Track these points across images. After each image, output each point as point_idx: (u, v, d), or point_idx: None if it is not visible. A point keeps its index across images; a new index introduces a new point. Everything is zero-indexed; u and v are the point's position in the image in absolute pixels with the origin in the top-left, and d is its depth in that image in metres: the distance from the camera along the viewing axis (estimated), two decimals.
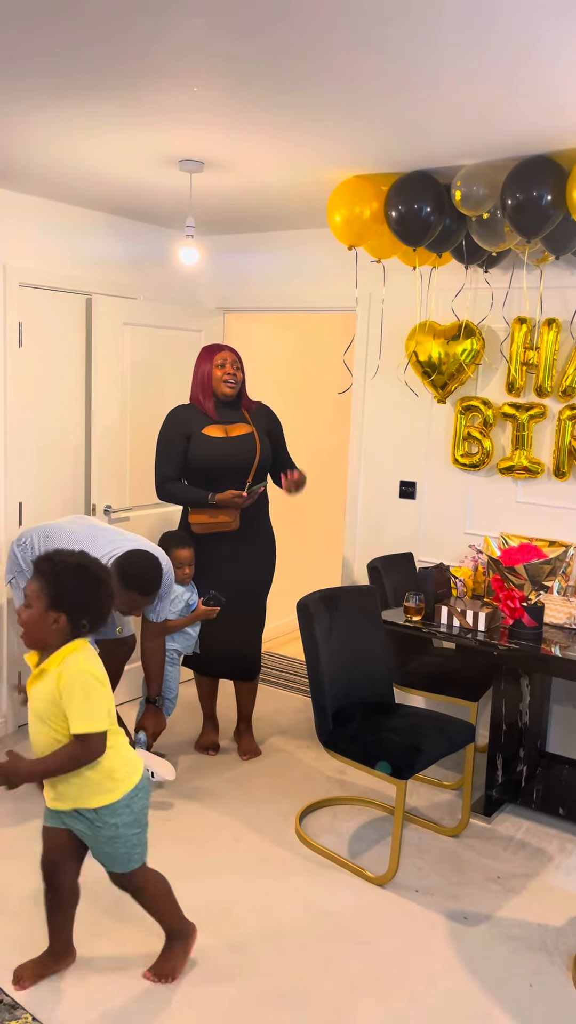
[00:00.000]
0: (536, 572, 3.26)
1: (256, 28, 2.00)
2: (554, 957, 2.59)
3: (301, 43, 2.09)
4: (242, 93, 2.46)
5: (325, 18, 1.94)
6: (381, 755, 2.93)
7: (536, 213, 2.86)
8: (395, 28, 1.97)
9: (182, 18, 1.96)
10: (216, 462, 3.57)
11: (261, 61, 2.21)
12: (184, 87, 2.41)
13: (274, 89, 2.41)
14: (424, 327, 3.89)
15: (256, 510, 3.70)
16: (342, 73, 2.27)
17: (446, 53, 2.11)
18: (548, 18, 1.89)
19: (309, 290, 4.46)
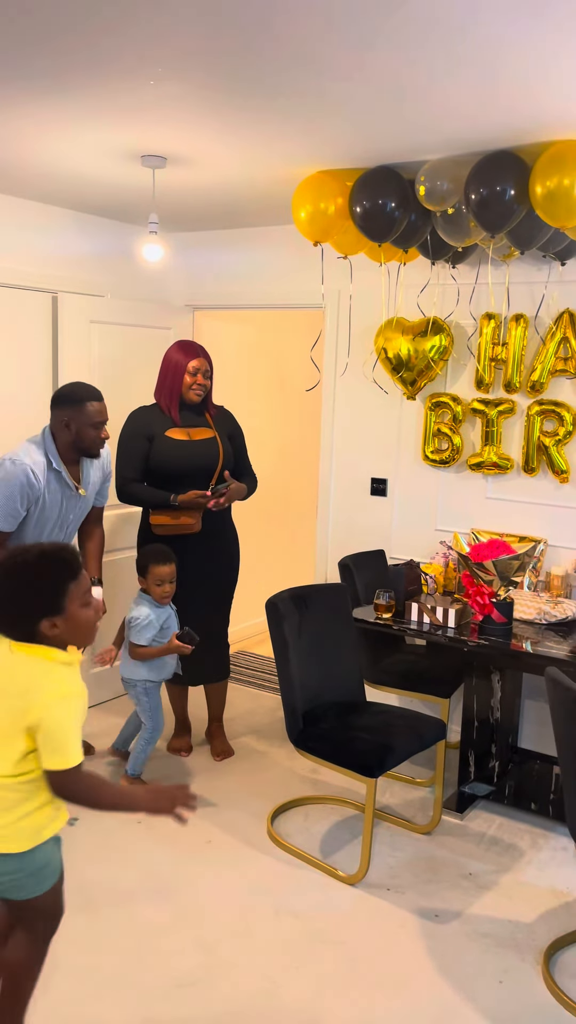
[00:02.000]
0: (505, 568, 3.25)
1: (217, 23, 1.97)
2: (525, 953, 2.59)
3: (262, 39, 2.06)
4: (203, 88, 2.43)
5: (288, 14, 1.92)
6: (351, 754, 2.92)
7: (500, 208, 2.85)
8: (358, 25, 1.95)
9: (141, 12, 1.93)
10: (178, 465, 3.54)
11: (222, 57, 2.18)
12: (142, 82, 2.38)
13: (235, 84, 2.39)
14: (392, 324, 3.88)
15: (221, 511, 3.67)
16: (304, 69, 2.25)
17: (409, 50, 2.09)
18: (511, 16, 1.88)
19: (277, 287, 4.44)
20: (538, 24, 1.94)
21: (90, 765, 3.63)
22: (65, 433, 3.25)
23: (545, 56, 2.12)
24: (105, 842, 3.10)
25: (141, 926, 2.65)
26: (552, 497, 3.72)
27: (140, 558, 3.46)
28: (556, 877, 2.99)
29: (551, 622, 3.38)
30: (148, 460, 3.58)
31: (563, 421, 3.62)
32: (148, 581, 3.42)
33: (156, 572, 3.40)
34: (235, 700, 4.46)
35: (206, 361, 3.59)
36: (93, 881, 2.87)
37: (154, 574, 3.40)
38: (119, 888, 2.84)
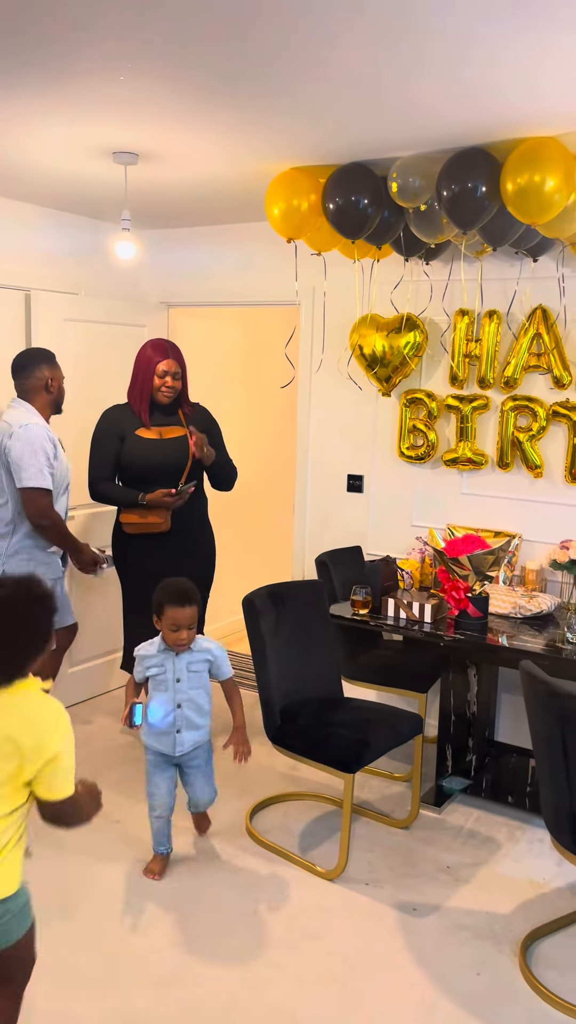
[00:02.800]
0: (480, 562, 3.27)
1: (187, 19, 1.96)
2: (502, 945, 2.61)
3: (234, 35, 2.06)
4: (173, 84, 2.42)
5: (259, 10, 1.92)
6: (329, 750, 2.92)
7: (471, 204, 2.86)
8: (329, 21, 1.95)
9: (110, 7, 1.91)
10: (149, 464, 3.54)
11: (192, 53, 2.17)
12: (112, 77, 2.37)
13: (206, 81, 2.38)
14: (367, 320, 3.89)
15: (195, 509, 3.66)
16: (275, 65, 2.24)
17: (380, 47, 2.09)
18: (481, 15, 1.89)
19: (252, 284, 4.43)
20: (507, 23, 1.95)
21: None
22: (43, 395, 3.39)
23: (514, 54, 2.14)
24: (82, 842, 3.08)
25: (119, 925, 2.64)
26: (526, 492, 3.75)
27: (156, 594, 2.84)
28: (533, 868, 3.02)
29: (526, 616, 3.40)
30: (120, 458, 3.57)
31: (536, 416, 3.65)
32: (162, 623, 2.82)
33: (171, 615, 2.78)
34: (213, 697, 4.44)
35: (175, 362, 3.58)
36: (70, 881, 2.86)
37: (169, 617, 2.79)
38: (96, 887, 2.83)
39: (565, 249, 3.46)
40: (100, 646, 4.44)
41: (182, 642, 2.82)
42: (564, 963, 2.53)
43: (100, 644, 4.43)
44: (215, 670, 2.94)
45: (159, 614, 2.82)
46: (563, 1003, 2.34)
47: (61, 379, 3.47)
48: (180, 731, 2.87)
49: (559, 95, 2.43)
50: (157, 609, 2.83)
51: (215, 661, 2.91)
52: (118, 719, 4.17)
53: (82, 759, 3.71)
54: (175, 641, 2.81)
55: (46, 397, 3.41)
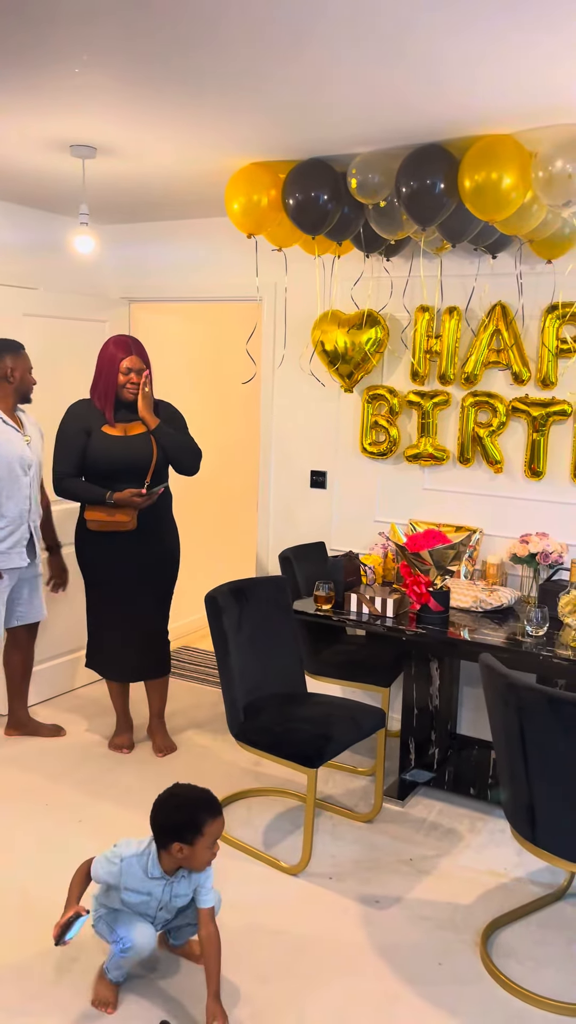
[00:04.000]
0: (441, 557, 3.30)
1: (144, 11, 1.95)
2: (463, 934, 2.64)
3: (190, 28, 2.04)
4: (130, 77, 2.40)
5: (217, 6, 1.91)
6: (292, 745, 2.93)
7: (430, 201, 2.88)
8: (288, 17, 1.95)
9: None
10: (113, 461, 3.51)
11: (150, 46, 2.16)
12: (68, 69, 2.34)
13: (164, 74, 2.36)
14: (328, 316, 3.89)
15: (158, 507, 3.64)
16: (233, 60, 2.24)
17: (337, 44, 2.09)
18: (436, 12, 1.90)
19: (214, 279, 4.42)
20: (462, 21, 1.96)
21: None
22: (4, 384, 3.49)
23: (470, 52, 2.15)
24: (43, 841, 3.06)
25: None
26: (487, 487, 3.79)
27: (183, 811, 2.24)
28: (493, 859, 3.05)
29: (487, 610, 3.44)
30: (85, 455, 3.54)
31: (496, 412, 3.68)
32: (195, 844, 2.20)
33: (214, 830, 2.24)
34: (177, 695, 4.44)
35: (139, 359, 3.55)
36: (30, 879, 2.83)
37: (211, 833, 2.23)
38: (57, 888, 2.80)
39: (523, 246, 3.50)
40: (64, 644, 4.40)
41: (207, 860, 2.26)
42: (524, 952, 2.56)
43: (64, 642, 4.40)
44: (197, 896, 2.33)
45: (193, 833, 2.20)
46: (523, 991, 2.38)
47: (25, 368, 3.54)
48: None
49: (513, 93, 2.45)
50: (189, 829, 2.20)
51: (203, 886, 2.32)
52: (83, 716, 4.15)
53: (46, 757, 3.69)
54: (210, 859, 2.26)
55: (7, 387, 3.49)
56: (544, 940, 2.62)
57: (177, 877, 2.28)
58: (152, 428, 3.55)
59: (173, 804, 2.27)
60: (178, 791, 2.33)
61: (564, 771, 2.28)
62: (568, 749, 2.25)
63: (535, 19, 1.96)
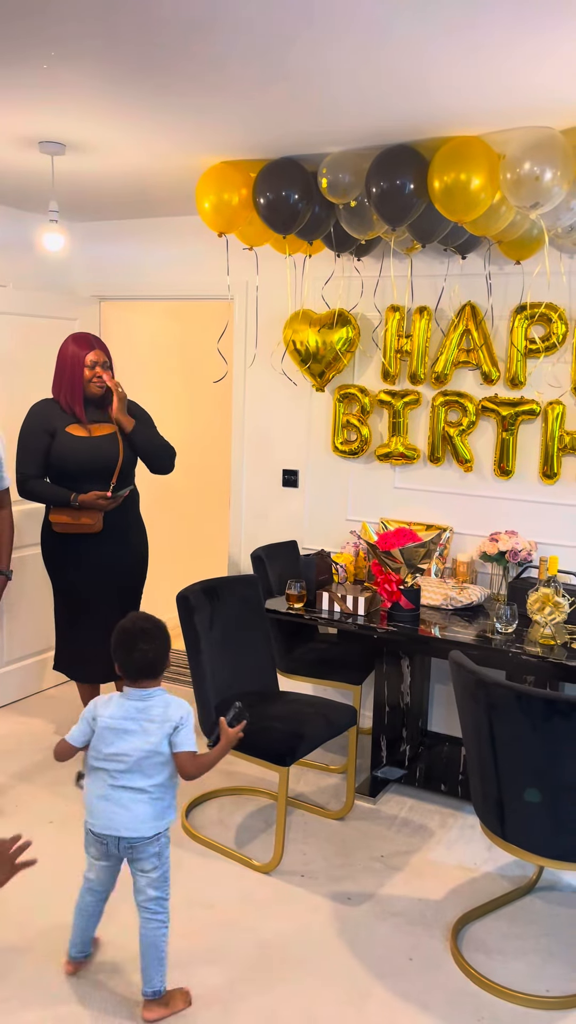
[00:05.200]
0: (411, 555, 3.32)
1: (113, 7, 1.94)
2: (433, 930, 2.66)
3: (161, 27, 2.04)
4: (100, 74, 2.39)
5: (185, 5, 1.91)
6: (263, 743, 2.93)
7: (400, 201, 2.89)
8: (259, 18, 1.95)
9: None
10: (78, 462, 3.48)
11: (119, 42, 2.15)
12: (35, 65, 2.32)
13: (133, 71, 2.36)
14: (299, 316, 3.90)
15: (125, 507, 3.62)
16: (205, 58, 2.23)
17: (307, 44, 2.10)
18: (405, 15, 1.91)
19: (184, 278, 4.40)
20: (431, 24, 1.98)
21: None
22: None
23: (437, 54, 2.17)
24: None
25: (47, 927, 2.61)
26: (457, 486, 3.82)
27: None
28: (464, 854, 3.08)
29: (457, 607, 3.46)
30: (49, 455, 3.50)
31: (466, 411, 3.71)
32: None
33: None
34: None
35: (103, 352, 3.53)
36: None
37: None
38: (28, 891, 2.78)
39: (492, 247, 3.53)
40: (31, 646, 4.37)
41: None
42: (493, 945, 2.59)
43: (31, 644, 4.36)
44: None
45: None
46: (492, 984, 2.40)
47: None
48: None
49: (482, 95, 2.47)
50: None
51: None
52: (52, 718, 4.11)
53: (15, 759, 3.66)
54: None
55: None
56: (513, 933, 2.65)
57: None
58: (129, 430, 3.54)
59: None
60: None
61: (533, 766, 2.31)
62: (536, 744, 2.28)
63: (504, 23, 1.98)
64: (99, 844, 2.28)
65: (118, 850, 2.26)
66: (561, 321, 3.48)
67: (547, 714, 2.24)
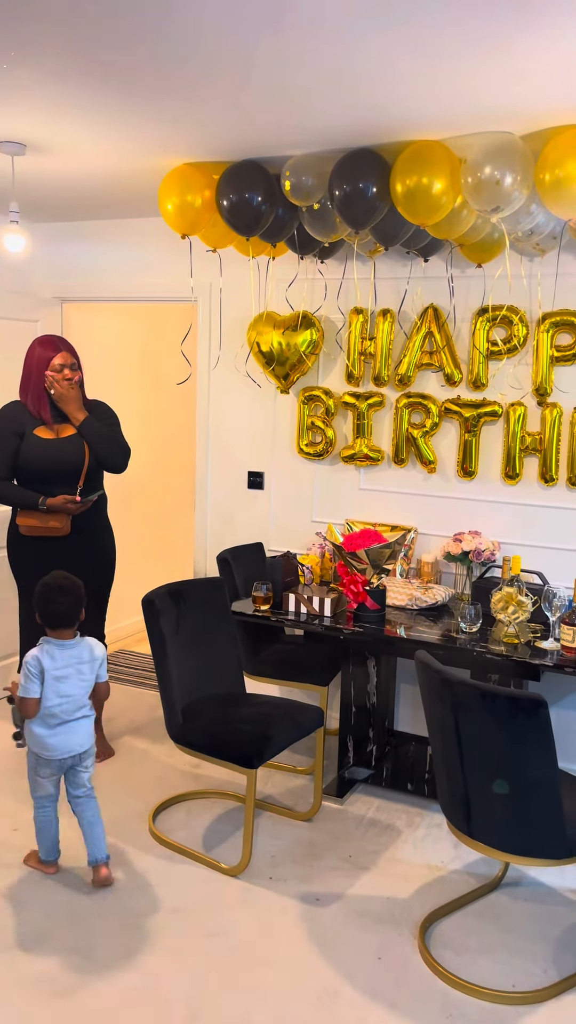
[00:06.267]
0: (377, 556, 3.34)
1: (74, 8, 1.92)
2: (402, 928, 2.67)
3: (122, 28, 2.03)
4: (61, 74, 2.37)
5: (146, 6, 1.89)
6: (230, 746, 2.93)
7: (362, 204, 2.91)
8: (220, 22, 1.95)
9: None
10: (45, 464, 3.45)
11: (80, 45, 2.13)
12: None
13: (94, 74, 2.34)
14: (264, 318, 3.90)
15: (93, 511, 3.59)
16: (166, 60, 2.23)
17: (271, 48, 2.10)
18: (370, 21, 1.92)
19: (148, 280, 4.38)
20: (392, 32, 1.99)
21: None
22: None
23: (400, 61, 2.19)
24: None
25: (9, 938, 2.58)
26: (421, 487, 3.85)
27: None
28: (431, 853, 3.10)
29: (422, 607, 3.49)
30: (16, 457, 3.47)
31: (429, 413, 3.74)
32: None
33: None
34: (115, 699, 4.39)
35: (70, 355, 3.51)
36: None
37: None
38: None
39: (454, 250, 3.56)
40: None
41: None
42: (460, 943, 2.61)
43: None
44: None
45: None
46: (459, 981, 2.42)
47: None
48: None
49: (442, 101, 2.50)
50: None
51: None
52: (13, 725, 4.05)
53: None
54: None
55: None
56: (480, 930, 2.68)
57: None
58: (79, 423, 3.49)
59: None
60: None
61: (498, 764, 2.33)
62: (501, 742, 2.30)
63: (467, 33, 2.00)
64: (54, 765, 2.78)
65: (69, 762, 2.79)
66: (522, 323, 3.53)
67: (511, 712, 2.27)
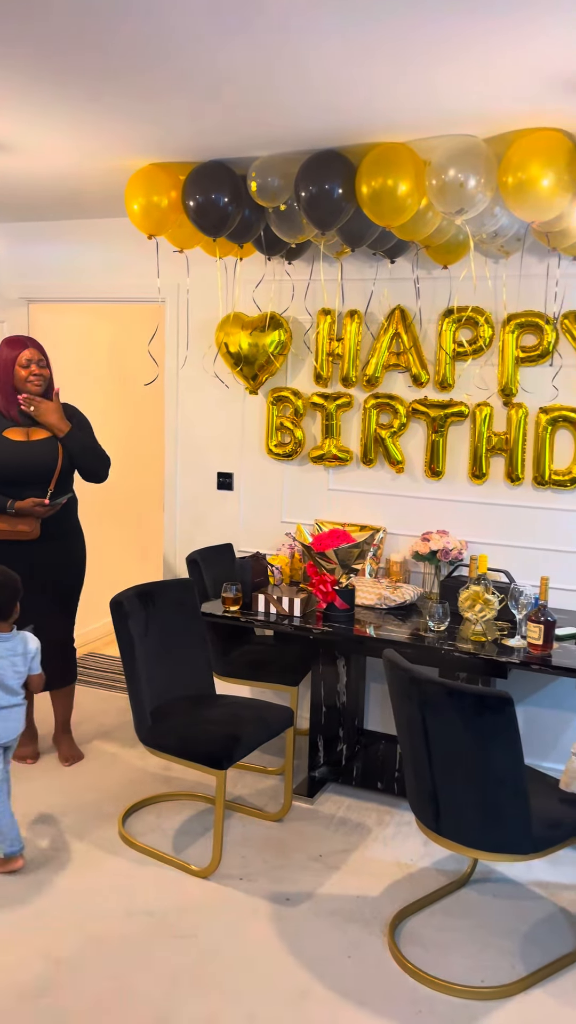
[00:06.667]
0: (346, 556, 3.35)
1: (41, 7, 1.91)
2: (372, 927, 2.69)
3: (90, 28, 2.02)
4: (25, 75, 2.35)
5: (111, 6, 1.89)
6: (200, 747, 2.92)
7: (328, 206, 2.92)
8: (185, 22, 1.95)
9: None
10: (15, 466, 3.41)
11: (47, 44, 2.12)
12: None
13: (59, 73, 2.33)
14: (231, 319, 3.90)
15: (63, 514, 3.57)
16: (133, 60, 2.22)
17: (236, 49, 2.10)
18: (335, 24, 1.93)
19: (115, 280, 4.36)
20: (357, 36, 2.00)
21: None
22: None
23: (365, 65, 2.20)
24: None
25: None
26: (389, 487, 3.87)
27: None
28: (400, 850, 3.12)
29: (391, 606, 3.51)
30: None
31: (397, 414, 3.77)
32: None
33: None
34: (84, 702, 4.36)
35: (37, 351, 3.48)
36: None
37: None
38: None
39: (420, 251, 3.59)
40: None
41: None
42: (429, 939, 2.63)
43: None
44: None
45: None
46: (429, 977, 2.44)
47: None
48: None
49: (407, 104, 2.51)
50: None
51: None
52: None
53: None
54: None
55: None
56: (449, 926, 2.70)
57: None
58: (63, 435, 3.48)
59: None
60: None
61: (465, 761, 2.35)
62: (468, 740, 2.32)
63: (426, 32, 2.02)
64: None
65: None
66: (488, 324, 3.56)
67: (478, 709, 2.29)
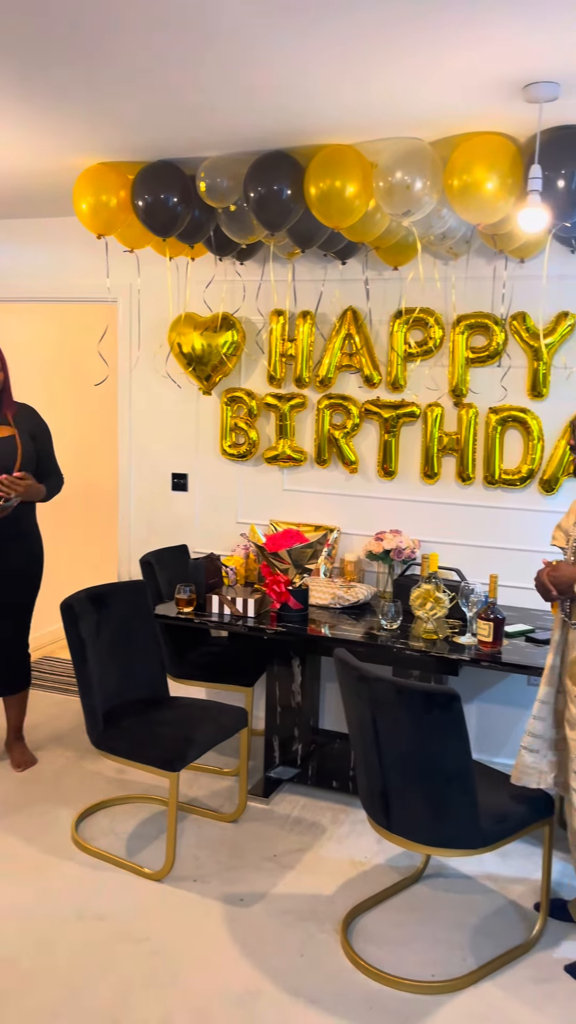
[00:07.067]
0: (299, 556, 3.36)
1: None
2: (324, 924, 2.70)
3: (36, 26, 2.00)
4: None
5: (54, 5, 1.88)
6: (152, 749, 2.91)
7: (277, 207, 2.93)
8: (132, 21, 1.94)
9: None
10: None
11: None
12: None
13: (5, 69, 2.30)
14: (184, 319, 3.89)
15: (20, 515, 3.52)
16: (80, 59, 2.20)
17: (183, 51, 2.10)
18: (284, 26, 1.93)
19: (66, 280, 4.32)
20: (306, 39, 2.01)
21: None
22: None
23: (312, 67, 2.21)
24: None
25: None
26: (343, 487, 3.89)
27: None
28: (354, 848, 3.14)
29: (345, 606, 3.53)
30: None
31: (350, 414, 3.79)
32: None
33: None
34: (39, 707, 4.31)
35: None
36: None
37: None
38: None
39: (370, 253, 3.61)
40: None
41: None
42: (381, 936, 2.65)
43: None
44: None
45: None
46: (380, 973, 2.45)
47: None
48: None
49: (354, 107, 2.53)
50: None
51: None
52: None
53: None
54: None
55: None
56: (401, 922, 2.72)
57: None
58: (43, 496, 3.50)
59: None
60: None
61: (414, 758, 2.37)
62: (417, 737, 2.35)
63: (371, 36, 2.04)
64: None
65: None
66: (438, 325, 3.60)
67: (427, 706, 2.31)
